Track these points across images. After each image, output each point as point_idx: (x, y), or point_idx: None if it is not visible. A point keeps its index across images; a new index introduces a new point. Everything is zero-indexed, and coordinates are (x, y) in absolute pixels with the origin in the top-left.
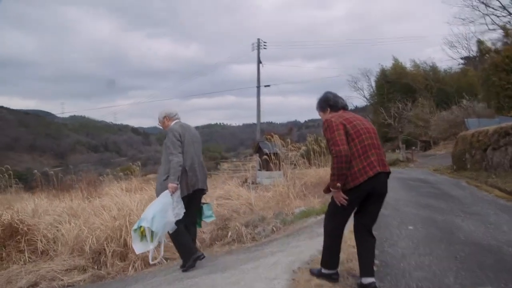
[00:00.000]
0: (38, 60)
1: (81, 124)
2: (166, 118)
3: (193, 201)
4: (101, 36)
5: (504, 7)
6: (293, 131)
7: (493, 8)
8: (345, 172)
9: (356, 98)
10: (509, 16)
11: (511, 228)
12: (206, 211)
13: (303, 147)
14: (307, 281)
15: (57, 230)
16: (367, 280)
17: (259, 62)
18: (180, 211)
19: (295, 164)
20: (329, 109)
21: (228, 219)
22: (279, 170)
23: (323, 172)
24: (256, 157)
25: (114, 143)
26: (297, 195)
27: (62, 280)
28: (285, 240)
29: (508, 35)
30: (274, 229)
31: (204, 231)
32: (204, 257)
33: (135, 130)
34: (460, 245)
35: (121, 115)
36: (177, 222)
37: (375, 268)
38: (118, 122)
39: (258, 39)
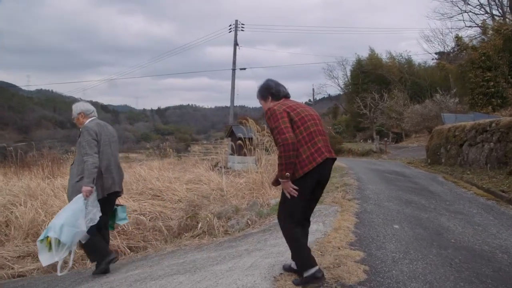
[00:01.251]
0: (2, 28)
1: (48, 99)
2: (82, 114)
3: (107, 203)
4: (71, 8)
5: (481, 5)
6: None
7: (471, 5)
8: (293, 160)
9: (330, 87)
10: (486, 14)
11: (499, 230)
12: (120, 213)
13: None
14: None
15: (11, 213)
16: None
17: (236, 44)
18: (95, 215)
19: (268, 150)
20: (270, 97)
21: (198, 206)
22: (252, 155)
23: None
24: (228, 141)
25: None
26: (272, 183)
27: (12, 268)
28: (261, 236)
29: (486, 32)
30: (249, 222)
31: (172, 218)
32: (117, 259)
33: (104, 108)
34: (452, 250)
35: (91, 92)
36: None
37: (364, 276)
38: (88, 99)
39: (236, 20)
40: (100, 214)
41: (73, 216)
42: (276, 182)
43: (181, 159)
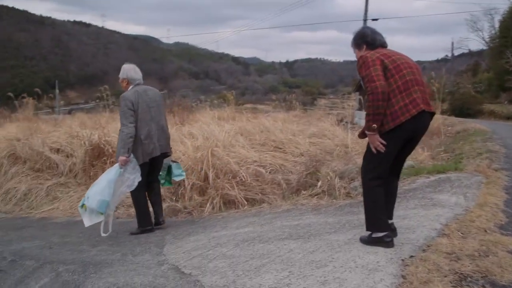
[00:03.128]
0: None
1: (184, 51)
2: (126, 80)
3: (155, 165)
4: None
5: None
6: None
7: None
8: (381, 111)
9: (472, 41)
10: None
11: None
12: (175, 170)
13: None
14: (425, 284)
15: None
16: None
17: None
18: (134, 181)
19: None
20: (365, 46)
21: (319, 162)
22: None
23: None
24: (355, 96)
25: (215, 71)
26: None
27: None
28: None
29: None
30: None
31: (293, 172)
32: (153, 229)
33: (235, 59)
34: None
35: (223, 43)
36: (139, 190)
37: None
38: (220, 51)
39: None
40: (140, 179)
41: (103, 186)
42: (362, 135)
43: (306, 112)
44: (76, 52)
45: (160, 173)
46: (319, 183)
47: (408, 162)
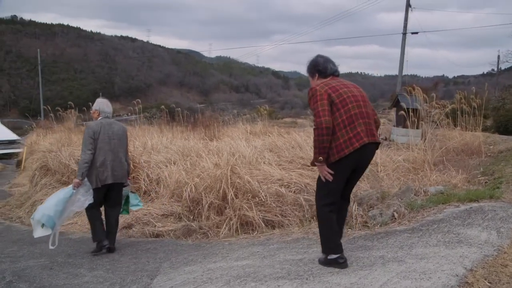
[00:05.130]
0: (193, 4)
1: (225, 65)
2: (97, 112)
3: (111, 192)
4: None
5: None
6: (438, 86)
7: None
8: (326, 144)
9: None
10: None
11: None
12: (133, 200)
13: (450, 105)
14: None
15: (162, 172)
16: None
17: (408, 4)
18: (84, 203)
19: (437, 124)
20: (317, 74)
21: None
22: (417, 128)
23: (471, 136)
24: (393, 111)
25: (255, 85)
26: (434, 164)
27: (155, 226)
28: (407, 238)
29: None
30: (396, 215)
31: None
32: (108, 247)
33: (275, 73)
34: None
35: (264, 58)
36: (91, 209)
37: None
38: (260, 65)
39: None
40: (91, 201)
41: (53, 203)
42: (312, 163)
43: None
44: (122, 66)
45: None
46: None
47: (438, 187)
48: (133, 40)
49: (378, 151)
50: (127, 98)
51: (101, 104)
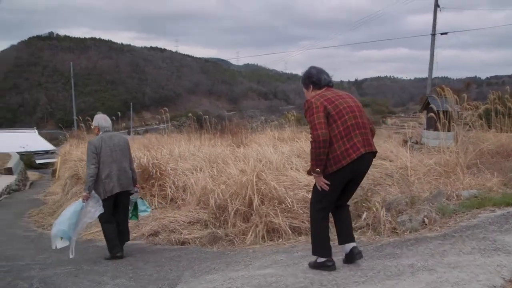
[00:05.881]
0: (219, 13)
1: (253, 72)
2: (97, 128)
3: (119, 200)
4: None
5: None
6: (471, 87)
7: None
8: (323, 157)
9: None
10: None
11: None
12: (141, 206)
13: (483, 106)
14: None
15: (188, 179)
16: (349, 245)
17: (437, 4)
18: (94, 214)
19: (470, 126)
20: (311, 86)
21: (371, 190)
22: (449, 131)
23: (506, 137)
24: (424, 114)
25: (283, 91)
26: (468, 167)
27: (181, 233)
28: (439, 245)
29: None
30: (426, 220)
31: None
32: (122, 256)
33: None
34: None
35: (291, 64)
36: (104, 221)
37: None
38: (288, 71)
39: None
40: (102, 211)
41: (67, 217)
42: (309, 173)
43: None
44: (152, 76)
45: (130, 207)
46: (364, 215)
47: (471, 191)
48: (162, 50)
49: (408, 154)
50: (157, 108)
51: (99, 120)
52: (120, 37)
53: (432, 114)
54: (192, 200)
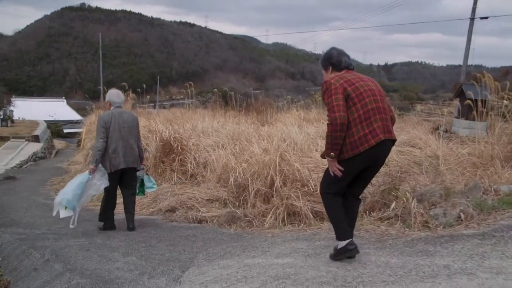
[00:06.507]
0: None
1: (282, 51)
2: (109, 103)
3: (125, 176)
4: None
5: None
6: (509, 76)
7: None
8: (339, 141)
9: None
10: None
11: None
12: (147, 182)
13: None
14: None
15: (209, 155)
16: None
17: None
18: (100, 187)
19: (506, 117)
20: (331, 68)
21: (404, 173)
22: (483, 120)
23: None
24: (456, 102)
25: (311, 72)
26: (505, 160)
27: (199, 211)
28: (478, 245)
29: None
30: (462, 215)
31: (372, 183)
32: (114, 228)
33: None
34: None
35: (321, 44)
36: (107, 193)
37: None
38: (317, 52)
39: None
40: (107, 185)
41: (73, 187)
42: (323, 156)
43: (402, 117)
44: (180, 50)
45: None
46: (392, 205)
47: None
48: (192, 25)
49: (438, 143)
50: (184, 83)
51: (111, 95)
52: (150, 11)
53: (469, 101)
54: (212, 177)
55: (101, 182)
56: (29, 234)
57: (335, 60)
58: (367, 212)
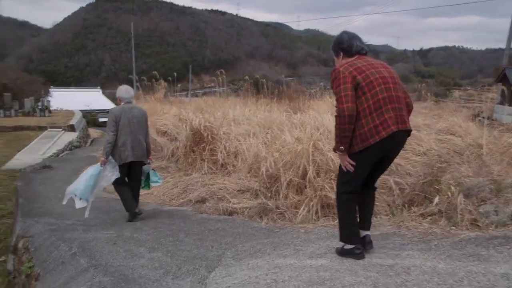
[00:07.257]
0: None
1: (314, 37)
2: (119, 99)
3: (132, 169)
4: None
5: None
6: None
7: None
8: (348, 134)
9: None
10: None
11: None
12: (153, 177)
13: None
14: None
15: (240, 144)
16: (363, 233)
17: None
18: (110, 178)
19: None
20: (342, 53)
21: (445, 163)
22: None
23: None
24: (498, 87)
25: None
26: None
27: (229, 202)
28: None
29: None
30: None
31: (411, 174)
32: (140, 213)
33: None
34: None
35: (353, 31)
36: (118, 184)
37: None
38: None
39: None
40: (118, 176)
41: (85, 178)
42: (335, 150)
43: (438, 104)
44: (211, 39)
45: (142, 177)
46: (436, 200)
47: None
48: (223, 13)
49: (480, 131)
50: (216, 71)
51: (121, 91)
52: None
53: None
54: (243, 167)
55: (112, 174)
56: (60, 225)
57: (345, 45)
58: (406, 206)
